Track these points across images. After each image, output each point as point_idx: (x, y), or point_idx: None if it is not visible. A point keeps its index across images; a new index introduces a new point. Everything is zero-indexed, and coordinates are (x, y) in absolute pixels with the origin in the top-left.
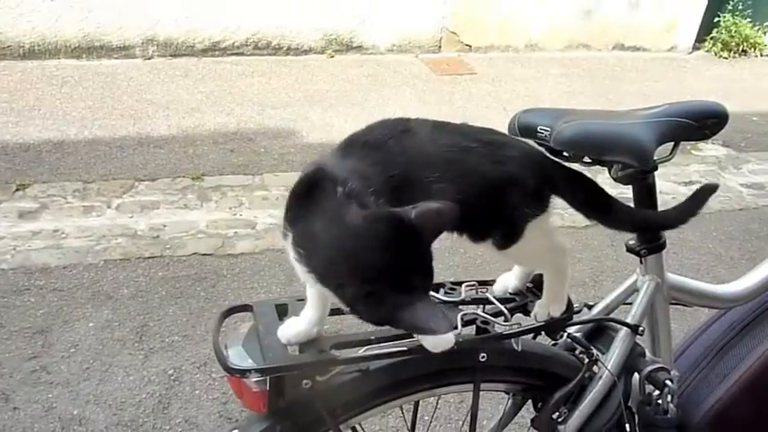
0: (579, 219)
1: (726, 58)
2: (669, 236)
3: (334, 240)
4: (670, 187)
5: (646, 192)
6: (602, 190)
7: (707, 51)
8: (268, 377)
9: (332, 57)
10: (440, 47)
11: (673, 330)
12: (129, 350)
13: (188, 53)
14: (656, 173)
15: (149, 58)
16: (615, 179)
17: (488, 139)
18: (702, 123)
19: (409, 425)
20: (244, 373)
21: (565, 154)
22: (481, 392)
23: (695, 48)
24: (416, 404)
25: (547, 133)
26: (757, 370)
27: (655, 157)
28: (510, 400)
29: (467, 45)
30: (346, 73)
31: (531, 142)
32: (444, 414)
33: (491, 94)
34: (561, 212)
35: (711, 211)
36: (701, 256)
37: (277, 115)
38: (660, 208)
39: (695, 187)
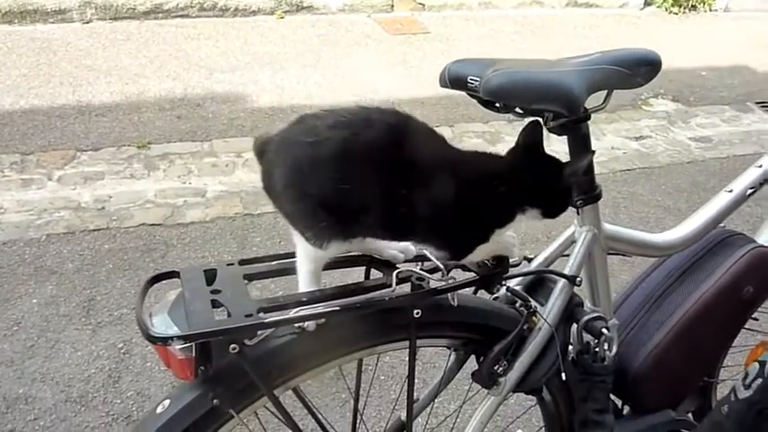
0: None
1: (676, 14)
2: (620, 190)
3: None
4: (621, 142)
5: (581, 142)
6: None
7: (658, 7)
8: (193, 344)
9: (282, 17)
10: (392, 6)
11: (625, 281)
12: (76, 325)
13: (129, 16)
14: (608, 128)
15: (88, 22)
16: (549, 130)
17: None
18: (635, 71)
19: (336, 387)
20: (165, 340)
21: (497, 105)
22: (426, 348)
23: (646, 4)
24: (359, 363)
25: (476, 83)
26: (692, 315)
27: (587, 106)
28: (452, 356)
29: (420, 4)
30: (297, 34)
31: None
32: (400, 373)
33: (444, 54)
34: None
35: (661, 165)
36: (651, 209)
37: (225, 79)
38: (612, 163)
39: (647, 142)
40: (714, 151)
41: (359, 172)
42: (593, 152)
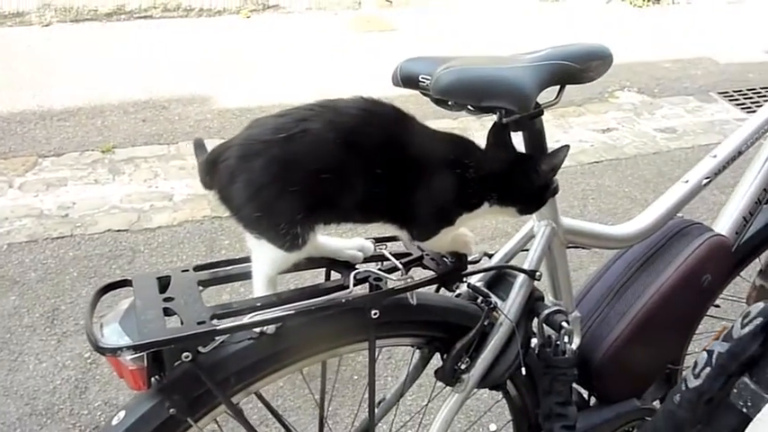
0: None
1: (640, 7)
2: (588, 183)
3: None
4: (589, 135)
5: (535, 137)
6: None
7: (622, 1)
8: (145, 353)
9: (248, 17)
10: (359, 3)
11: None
12: (41, 336)
13: (90, 18)
14: (576, 121)
15: (47, 25)
16: (503, 127)
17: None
18: (586, 66)
19: (316, 386)
20: (114, 351)
21: (449, 103)
22: (390, 348)
23: None
24: (323, 365)
25: (428, 82)
26: (652, 305)
27: (540, 102)
28: (417, 354)
29: (387, 1)
30: (263, 33)
31: None
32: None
33: (412, 51)
34: None
35: (628, 156)
36: (618, 200)
37: (191, 80)
38: (580, 156)
39: (614, 134)
40: (679, 141)
41: (338, 158)
42: (568, 147)
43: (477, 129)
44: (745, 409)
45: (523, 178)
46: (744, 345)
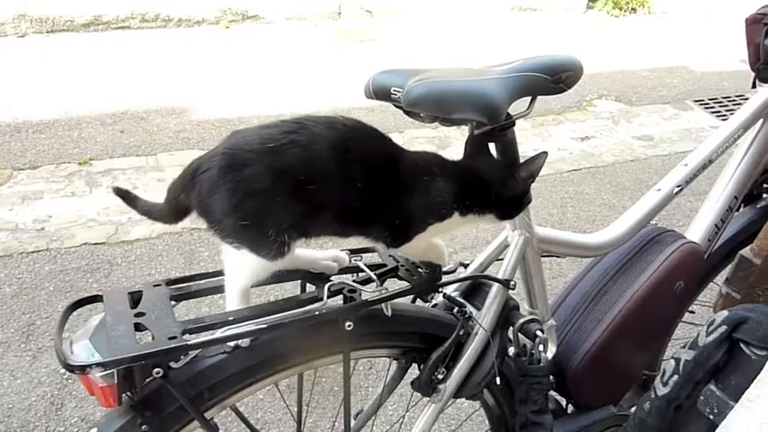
0: None
1: (617, 17)
2: (567, 190)
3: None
4: (568, 143)
5: (508, 148)
6: None
7: (599, 11)
8: (115, 370)
9: (227, 27)
10: (340, 14)
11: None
12: (15, 352)
13: (67, 29)
14: (554, 130)
15: (23, 36)
16: (476, 138)
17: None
18: (557, 77)
19: (289, 400)
20: (83, 369)
21: (421, 115)
22: (371, 359)
23: (588, 7)
24: (299, 378)
25: (399, 94)
26: (626, 313)
27: (511, 113)
28: (394, 365)
29: (367, 12)
30: (243, 44)
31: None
32: (354, 383)
33: (393, 61)
34: None
35: (606, 164)
36: (597, 208)
37: (170, 91)
38: (559, 164)
39: (592, 142)
40: (656, 149)
41: (324, 170)
42: (546, 153)
43: (457, 138)
44: (711, 416)
45: (502, 185)
46: (709, 352)
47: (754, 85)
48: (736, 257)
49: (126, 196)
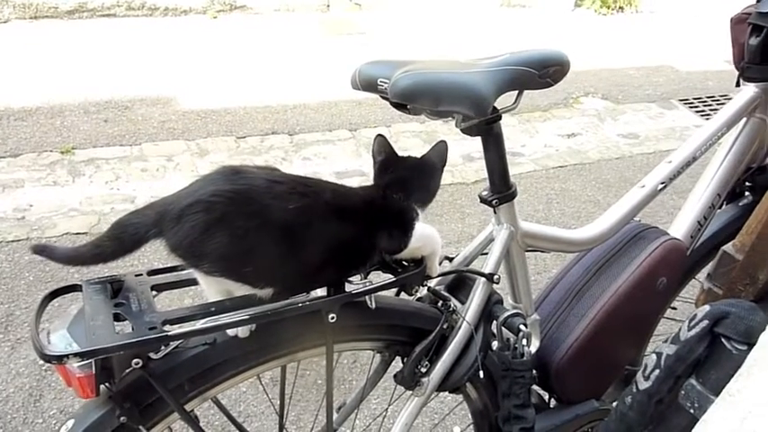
0: (469, 175)
1: (605, 15)
2: (552, 187)
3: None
4: (554, 140)
5: (493, 142)
6: None
7: (587, 9)
8: (93, 360)
9: (215, 17)
10: (328, 6)
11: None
12: None
13: (51, 15)
14: (541, 126)
15: (5, 22)
16: (462, 131)
17: None
18: (544, 72)
19: (272, 393)
20: (60, 359)
21: (408, 107)
22: (355, 351)
23: (577, 5)
24: (283, 370)
25: (386, 85)
26: (609, 308)
27: (498, 107)
28: (377, 358)
29: (356, 4)
30: (230, 34)
31: None
32: (338, 376)
33: (382, 54)
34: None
35: (591, 161)
36: (582, 204)
37: (155, 81)
38: (545, 160)
39: (578, 139)
40: (641, 147)
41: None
42: (443, 142)
43: (444, 132)
44: (692, 410)
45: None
46: (690, 347)
47: (738, 84)
48: (718, 253)
49: (43, 251)
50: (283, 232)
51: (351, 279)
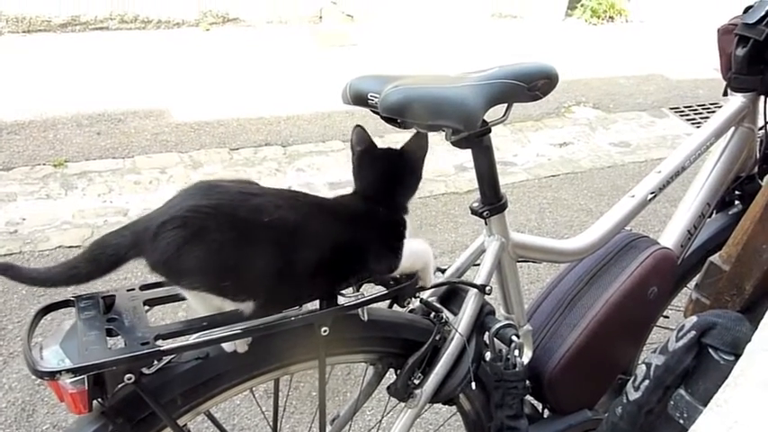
0: (462, 185)
1: (595, 25)
2: (545, 196)
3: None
4: (546, 149)
5: (483, 154)
6: None
7: (578, 19)
8: (85, 376)
9: (207, 30)
10: (321, 18)
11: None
12: None
13: (44, 29)
14: (533, 136)
15: None
16: (453, 144)
17: None
18: (533, 85)
19: (266, 406)
20: (52, 375)
21: (398, 121)
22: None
23: (567, 15)
24: (276, 383)
25: (376, 100)
26: (601, 318)
27: (487, 120)
28: (370, 370)
29: (348, 16)
30: (223, 47)
31: None
32: (332, 387)
33: (374, 66)
34: (445, 179)
35: (583, 170)
36: (574, 213)
37: (148, 93)
38: (537, 170)
39: (570, 148)
40: (633, 155)
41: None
42: (420, 133)
43: (436, 142)
44: (681, 421)
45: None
46: (678, 357)
47: (725, 94)
48: (705, 264)
49: (6, 271)
50: (260, 245)
51: (343, 292)
